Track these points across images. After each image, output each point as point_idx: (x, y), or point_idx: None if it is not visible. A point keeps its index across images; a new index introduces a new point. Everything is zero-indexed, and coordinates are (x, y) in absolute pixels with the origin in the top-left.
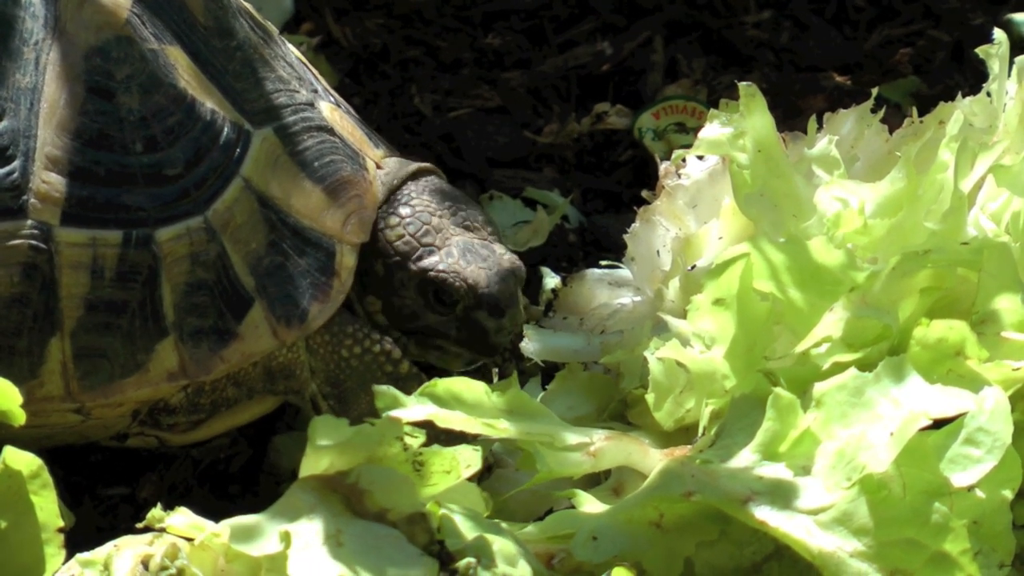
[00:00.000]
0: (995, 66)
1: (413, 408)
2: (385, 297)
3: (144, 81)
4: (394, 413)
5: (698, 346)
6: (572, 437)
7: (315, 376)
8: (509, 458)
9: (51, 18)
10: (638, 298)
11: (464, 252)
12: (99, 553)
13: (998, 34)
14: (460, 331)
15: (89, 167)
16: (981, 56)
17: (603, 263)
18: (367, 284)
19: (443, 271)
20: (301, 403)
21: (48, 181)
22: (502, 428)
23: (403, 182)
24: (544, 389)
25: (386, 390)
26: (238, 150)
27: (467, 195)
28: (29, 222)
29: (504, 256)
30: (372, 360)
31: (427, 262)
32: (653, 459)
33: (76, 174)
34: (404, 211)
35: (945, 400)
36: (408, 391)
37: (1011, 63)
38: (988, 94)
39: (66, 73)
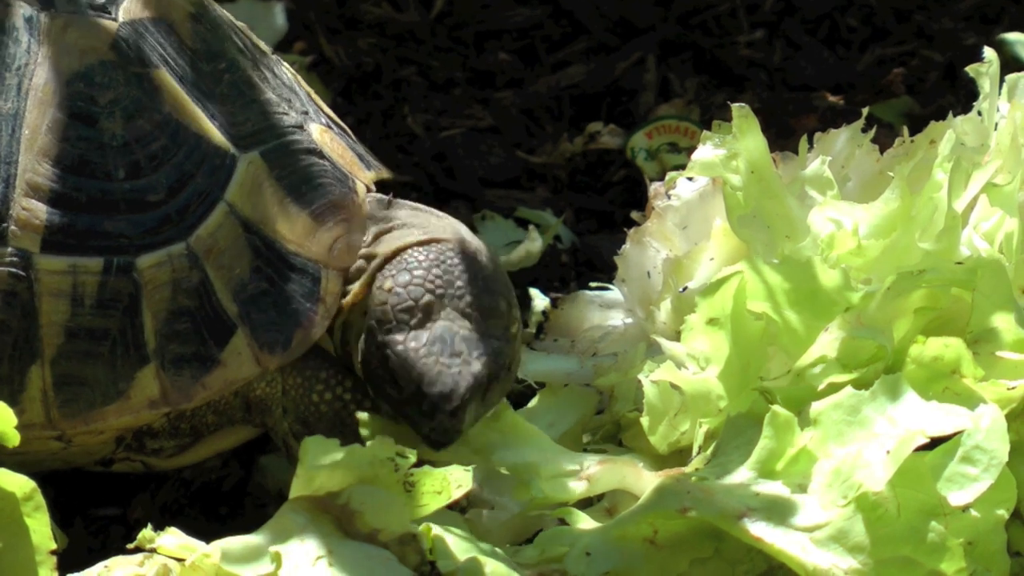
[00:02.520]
0: (986, 85)
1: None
2: (362, 351)
3: (128, 106)
4: None
5: (692, 367)
6: (566, 463)
7: (287, 416)
8: (487, 489)
9: (34, 43)
10: (629, 320)
11: (435, 341)
12: (90, 574)
13: (988, 53)
14: (402, 412)
15: (70, 194)
16: (972, 75)
17: (593, 284)
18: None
19: (398, 353)
20: (276, 439)
21: (28, 208)
22: (496, 460)
23: (426, 242)
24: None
25: (375, 425)
26: (223, 175)
27: (497, 274)
28: (9, 249)
29: (479, 360)
30: (343, 407)
31: (390, 337)
32: (647, 481)
33: (57, 201)
34: (402, 278)
35: (942, 418)
36: None
37: (1002, 82)
38: (979, 113)
39: (48, 99)
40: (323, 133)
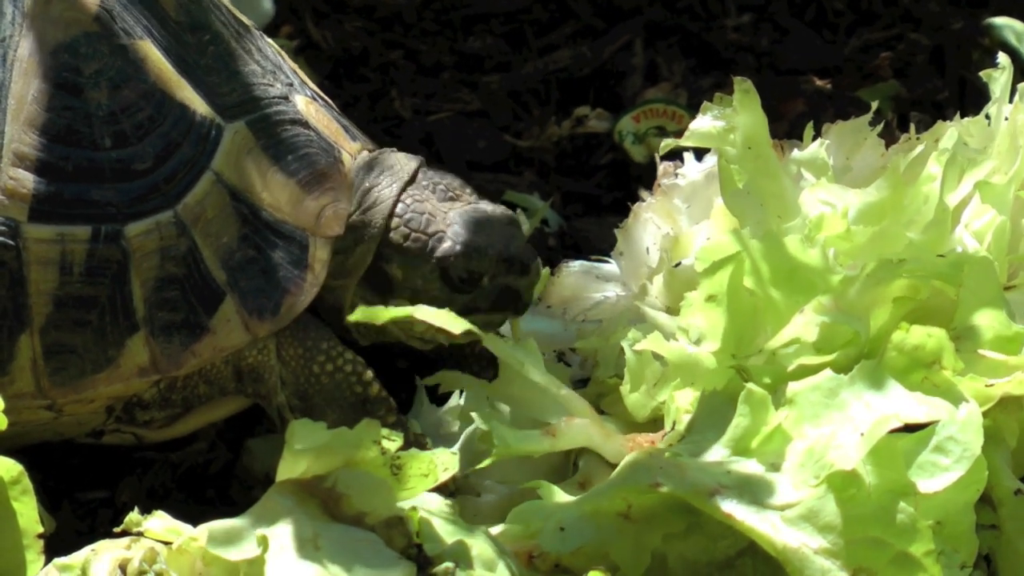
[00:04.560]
0: (997, 90)
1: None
2: (411, 299)
3: (113, 76)
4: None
5: (683, 340)
6: (541, 386)
7: (285, 387)
8: (473, 473)
9: (19, 15)
10: (623, 292)
11: (467, 225)
12: (77, 557)
13: (1002, 59)
14: (493, 301)
15: (57, 163)
16: (985, 80)
17: (593, 256)
18: (389, 289)
19: (463, 253)
20: (269, 410)
21: (15, 177)
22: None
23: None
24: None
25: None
26: (209, 144)
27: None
28: None
29: (498, 212)
30: (343, 379)
31: (443, 249)
32: (615, 443)
33: (44, 170)
34: (398, 209)
35: (918, 406)
36: (376, 414)
37: (1013, 90)
38: (987, 116)
39: (34, 69)
40: (308, 104)
